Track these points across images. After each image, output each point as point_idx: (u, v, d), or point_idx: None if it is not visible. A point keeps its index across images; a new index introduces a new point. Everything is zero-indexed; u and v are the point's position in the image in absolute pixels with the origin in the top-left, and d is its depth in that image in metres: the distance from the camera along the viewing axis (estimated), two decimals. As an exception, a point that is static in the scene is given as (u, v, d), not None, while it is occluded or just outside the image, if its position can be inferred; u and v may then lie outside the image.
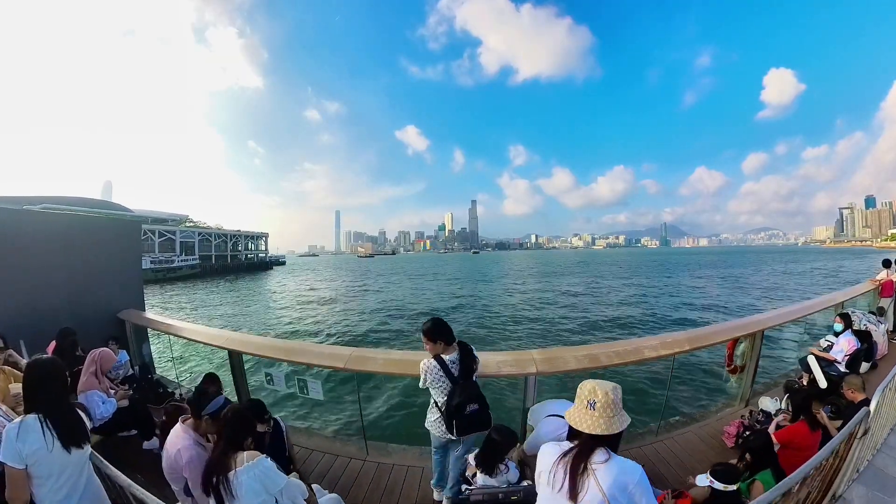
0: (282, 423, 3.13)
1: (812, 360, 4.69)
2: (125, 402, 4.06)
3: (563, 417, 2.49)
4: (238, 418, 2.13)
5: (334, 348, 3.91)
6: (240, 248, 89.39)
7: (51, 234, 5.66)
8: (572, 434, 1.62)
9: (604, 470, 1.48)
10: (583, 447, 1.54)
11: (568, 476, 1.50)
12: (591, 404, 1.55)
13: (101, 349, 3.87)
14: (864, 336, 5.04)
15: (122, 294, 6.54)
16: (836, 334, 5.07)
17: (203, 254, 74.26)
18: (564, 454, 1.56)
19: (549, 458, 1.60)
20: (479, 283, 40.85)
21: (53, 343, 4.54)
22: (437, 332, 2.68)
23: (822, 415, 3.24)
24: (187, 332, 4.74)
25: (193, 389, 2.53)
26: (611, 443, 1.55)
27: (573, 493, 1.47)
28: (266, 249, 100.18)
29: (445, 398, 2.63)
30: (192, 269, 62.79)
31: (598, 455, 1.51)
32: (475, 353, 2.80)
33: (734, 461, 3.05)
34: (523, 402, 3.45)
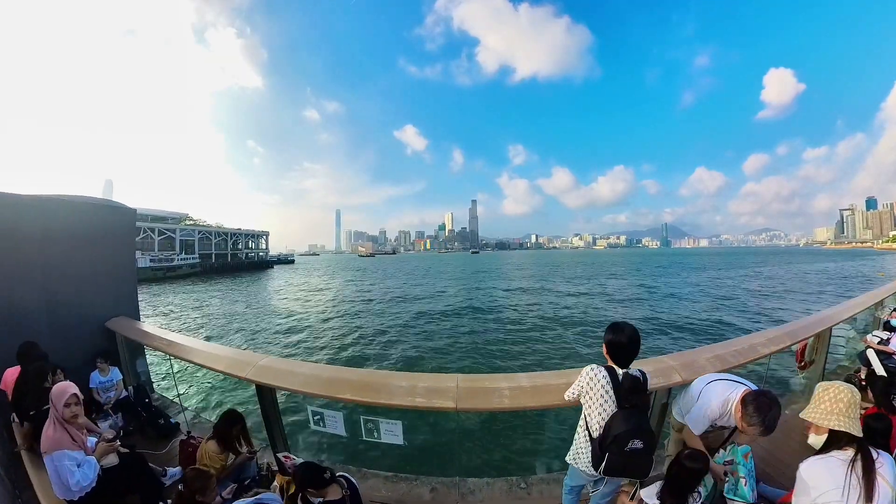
0: (354, 481, 2.51)
1: (871, 354, 4.84)
2: (113, 459, 2.83)
3: (722, 381, 2.43)
4: None
5: (435, 378, 2.65)
6: (240, 247, 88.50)
7: (22, 223, 4.41)
8: (830, 441, 1.67)
9: (883, 465, 1.59)
10: (867, 452, 1.59)
11: (866, 483, 1.52)
12: (860, 408, 1.66)
13: (57, 385, 2.60)
14: None
15: (111, 299, 5.28)
16: (892, 329, 5.36)
17: (203, 252, 73.91)
18: (850, 465, 1.58)
19: (831, 476, 1.59)
20: (491, 282, 39.58)
21: (15, 369, 3.31)
22: (629, 342, 2.09)
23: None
24: (197, 354, 3.47)
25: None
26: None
27: (870, 496, 1.51)
28: (267, 248, 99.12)
29: (603, 423, 2.08)
30: (192, 268, 62.50)
31: (872, 453, 1.61)
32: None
33: None
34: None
